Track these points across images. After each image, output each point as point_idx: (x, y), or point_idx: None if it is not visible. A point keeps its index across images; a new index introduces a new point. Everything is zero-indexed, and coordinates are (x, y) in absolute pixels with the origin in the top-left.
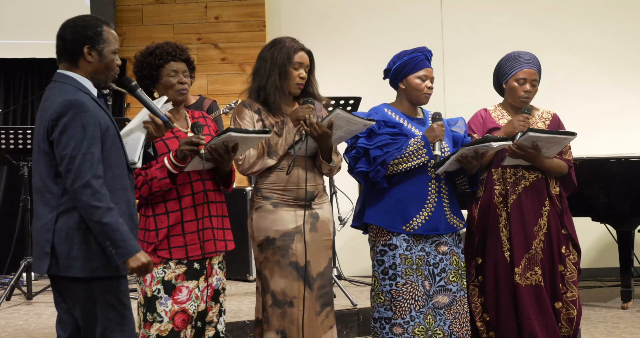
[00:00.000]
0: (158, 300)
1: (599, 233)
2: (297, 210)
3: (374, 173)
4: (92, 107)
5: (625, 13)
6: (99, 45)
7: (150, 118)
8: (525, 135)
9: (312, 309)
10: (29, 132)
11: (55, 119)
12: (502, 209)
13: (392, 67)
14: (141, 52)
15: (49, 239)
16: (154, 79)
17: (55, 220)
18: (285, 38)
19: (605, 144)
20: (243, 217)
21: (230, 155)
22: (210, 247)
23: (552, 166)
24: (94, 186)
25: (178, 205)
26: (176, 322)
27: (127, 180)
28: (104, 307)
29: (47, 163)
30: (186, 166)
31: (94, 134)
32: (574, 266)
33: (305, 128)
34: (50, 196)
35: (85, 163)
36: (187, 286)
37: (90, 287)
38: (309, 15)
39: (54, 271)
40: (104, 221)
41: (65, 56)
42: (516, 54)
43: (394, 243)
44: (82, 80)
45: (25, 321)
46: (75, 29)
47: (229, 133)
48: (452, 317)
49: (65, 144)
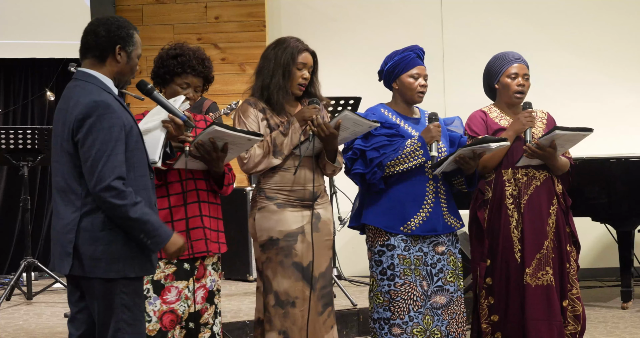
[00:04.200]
0: (147, 300)
1: (599, 233)
2: (301, 211)
3: (371, 174)
4: (117, 107)
5: (625, 13)
6: (129, 47)
7: (169, 118)
8: (552, 133)
9: (314, 309)
10: (28, 132)
11: (81, 120)
12: (513, 211)
13: (385, 68)
14: (167, 51)
15: (71, 239)
16: (166, 81)
17: (79, 220)
18: (289, 38)
19: (605, 144)
20: (243, 217)
21: (219, 154)
22: (201, 247)
23: (561, 164)
24: (117, 187)
25: (167, 203)
26: (164, 322)
27: (148, 180)
28: (119, 308)
29: (71, 164)
30: (174, 163)
31: (118, 136)
32: (575, 263)
33: (313, 128)
34: (74, 197)
35: (108, 165)
36: (177, 286)
37: (111, 288)
38: (309, 15)
39: (77, 271)
40: (133, 216)
41: (94, 52)
42: (502, 53)
43: (392, 244)
44: (105, 80)
45: (25, 321)
46: (110, 27)
47: (213, 126)
48: (449, 317)
49: (90, 145)
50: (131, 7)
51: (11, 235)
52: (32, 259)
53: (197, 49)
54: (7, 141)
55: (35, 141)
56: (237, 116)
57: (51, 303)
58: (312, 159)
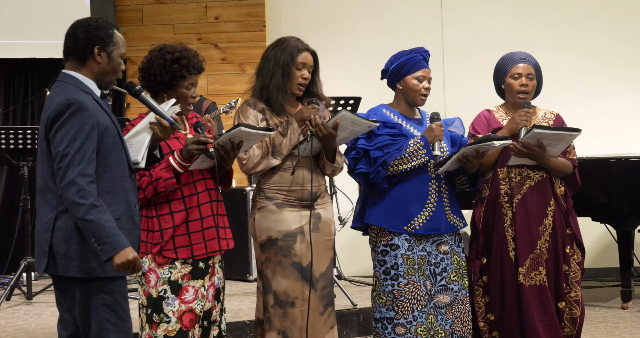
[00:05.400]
0: (165, 301)
1: (599, 233)
2: (300, 211)
3: (375, 174)
4: (92, 107)
5: (626, 13)
6: (109, 47)
7: (156, 120)
8: (530, 132)
9: (315, 309)
10: (28, 132)
11: (53, 118)
12: (507, 209)
13: (390, 67)
14: (162, 56)
15: (47, 238)
16: (172, 86)
17: (54, 219)
18: (289, 38)
19: (605, 144)
20: (243, 217)
21: (236, 152)
22: (215, 246)
23: (557, 165)
24: (79, 184)
25: (183, 205)
26: (184, 322)
27: (128, 181)
28: (100, 307)
29: (47, 163)
30: (190, 165)
31: (88, 134)
32: (577, 266)
33: (311, 128)
34: (51, 196)
35: (74, 162)
36: (193, 285)
37: (88, 287)
38: (309, 15)
39: (52, 270)
40: (88, 218)
41: (74, 54)
42: (509, 54)
43: (396, 243)
44: (85, 80)
45: (25, 321)
46: (88, 29)
47: (239, 127)
48: (453, 316)
49: (59, 142)
50: (131, 7)
51: (11, 235)
52: (32, 259)
53: (186, 46)
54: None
55: (35, 141)
56: (237, 116)
57: (51, 303)
58: (311, 159)
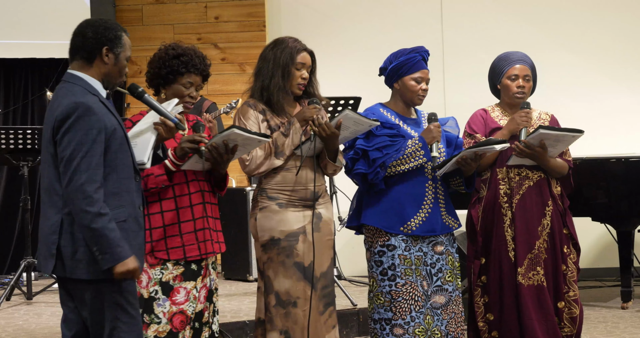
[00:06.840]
0: (155, 302)
1: (599, 233)
2: (303, 211)
3: (373, 174)
4: (99, 110)
5: (626, 13)
6: (117, 49)
7: (160, 120)
8: (535, 133)
9: (315, 309)
10: (28, 132)
11: (60, 121)
12: (507, 209)
13: (389, 66)
14: (166, 51)
15: (55, 240)
16: (169, 82)
17: (61, 221)
18: (287, 38)
19: (605, 144)
20: (243, 217)
21: (229, 156)
22: (208, 248)
23: (555, 165)
24: (87, 191)
25: (174, 204)
26: (174, 323)
27: (133, 182)
28: (111, 307)
29: (53, 164)
30: (183, 164)
31: (96, 138)
32: (574, 265)
33: (314, 128)
34: (57, 198)
35: (81, 167)
36: (185, 287)
37: (98, 288)
38: (309, 15)
39: (59, 272)
40: (93, 226)
41: (81, 53)
42: (505, 54)
43: (393, 244)
44: (92, 81)
45: (25, 321)
46: (98, 29)
47: (232, 129)
48: (448, 316)
49: (66, 146)
50: (131, 7)
51: (11, 235)
52: (32, 259)
53: (195, 48)
54: (7, 141)
55: (35, 141)
56: (237, 117)
57: (51, 303)
58: (313, 159)
